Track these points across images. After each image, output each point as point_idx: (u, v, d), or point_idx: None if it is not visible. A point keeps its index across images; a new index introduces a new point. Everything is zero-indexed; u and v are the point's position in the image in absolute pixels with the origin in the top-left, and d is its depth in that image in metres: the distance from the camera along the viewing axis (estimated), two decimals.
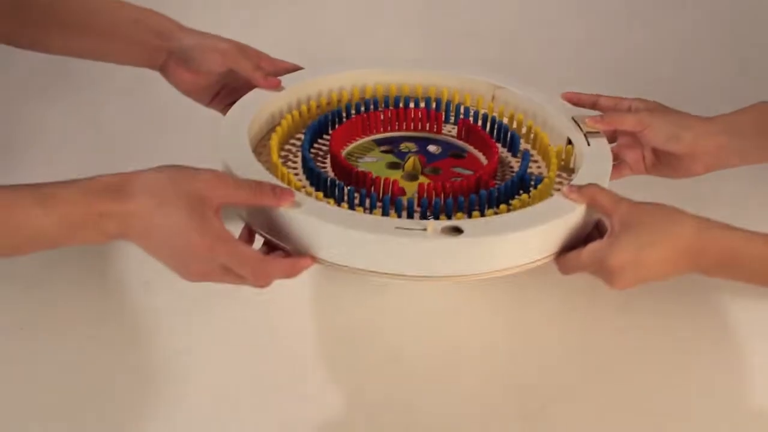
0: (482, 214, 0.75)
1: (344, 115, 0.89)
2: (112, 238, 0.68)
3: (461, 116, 0.90)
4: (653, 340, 0.82)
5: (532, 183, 0.79)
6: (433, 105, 0.90)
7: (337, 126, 0.88)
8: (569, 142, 0.85)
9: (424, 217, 0.75)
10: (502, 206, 0.75)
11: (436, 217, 0.75)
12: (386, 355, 0.80)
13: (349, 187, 0.76)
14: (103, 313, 0.84)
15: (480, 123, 0.89)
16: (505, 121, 0.90)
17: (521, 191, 0.79)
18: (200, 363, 0.79)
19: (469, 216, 0.75)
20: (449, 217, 0.74)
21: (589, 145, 0.82)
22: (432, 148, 0.88)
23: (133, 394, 0.76)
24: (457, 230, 0.69)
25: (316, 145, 0.86)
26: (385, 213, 0.75)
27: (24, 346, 0.80)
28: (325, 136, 0.87)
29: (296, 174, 0.81)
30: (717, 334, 0.82)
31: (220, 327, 0.83)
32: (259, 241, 0.74)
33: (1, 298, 0.84)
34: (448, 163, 0.85)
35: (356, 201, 0.75)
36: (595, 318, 0.82)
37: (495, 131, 0.88)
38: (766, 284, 0.71)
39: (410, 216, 0.75)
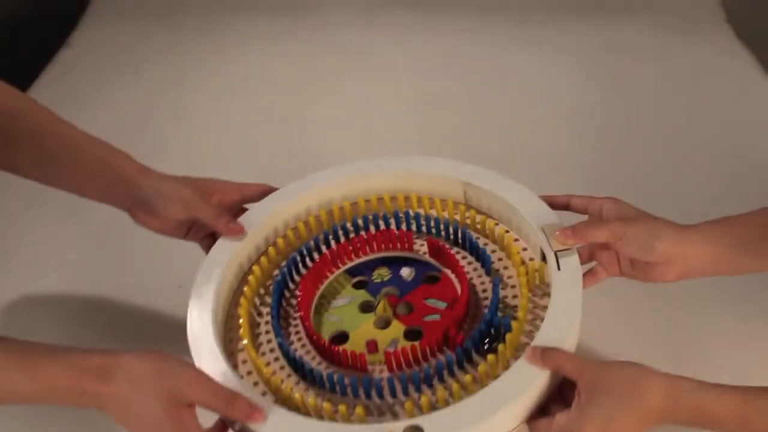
0: (453, 375, 0.75)
1: (312, 245, 0.87)
2: (90, 408, 0.72)
3: (432, 230, 0.87)
4: None
5: (502, 333, 0.77)
6: (402, 219, 0.88)
7: (306, 264, 0.87)
8: (543, 256, 0.82)
9: (393, 392, 0.75)
10: (467, 377, 0.74)
11: (405, 390, 0.75)
12: None
13: (317, 370, 0.76)
14: None
15: (451, 234, 0.87)
16: (477, 220, 0.87)
17: (492, 331, 0.78)
18: None
19: (441, 379, 0.75)
20: (418, 388, 0.74)
21: (559, 268, 0.79)
22: (405, 272, 0.86)
23: None
24: (419, 430, 0.69)
25: (288, 290, 0.86)
26: (354, 393, 0.75)
27: None
28: (296, 277, 0.87)
29: (269, 340, 0.82)
30: None
31: None
32: None
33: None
34: (421, 294, 0.84)
35: (325, 382, 0.76)
36: None
37: (468, 245, 0.86)
38: None
39: (380, 394, 0.75)
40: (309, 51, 1.54)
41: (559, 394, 0.74)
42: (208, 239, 0.91)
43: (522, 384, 0.71)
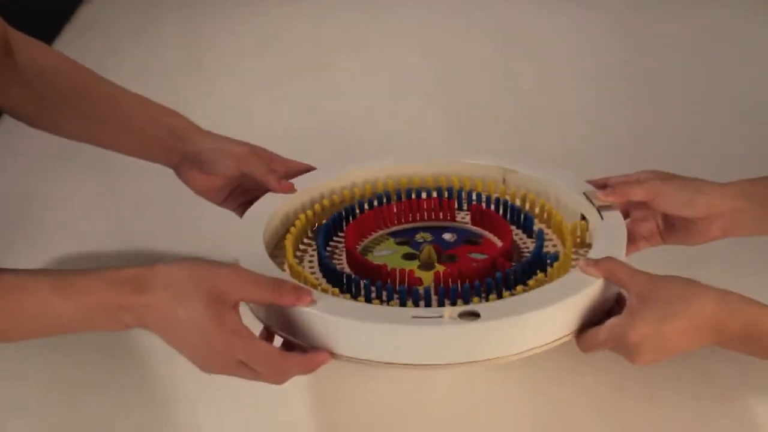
0: (499, 297, 0.75)
1: (357, 210, 0.90)
2: (130, 327, 0.70)
3: (473, 202, 0.90)
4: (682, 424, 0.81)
5: (549, 261, 0.79)
6: (445, 194, 0.91)
7: (350, 222, 0.89)
8: (583, 218, 0.85)
9: (441, 304, 0.75)
10: (519, 287, 0.74)
11: (453, 304, 0.74)
12: None
13: (365, 281, 0.76)
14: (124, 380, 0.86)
15: (492, 207, 0.89)
16: (518, 203, 0.91)
17: (538, 271, 0.79)
18: None
19: (486, 300, 0.75)
20: (466, 303, 0.74)
21: (602, 219, 0.82)
22: (447, 236, 0.88)
23: None
24: (474, 314, 0.68)
25: (331, 243, 0.87)
26: (402, 304, 0.74)
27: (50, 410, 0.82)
28: (340, 234, 0.88)
29: (313, 272, 0.82)
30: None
31: (233, 411, 0.83)
32: (278, 339, 0.74)
33: (26, 363, 0.86)
34: (464, 250, 0.85)
35: (373, 294, 0.75)
36: (625, 399, 0.81)
37: (508, 214, 0.89)
38: None
39: (428, 304, 0.74)
40: (330, 8, 1.56)
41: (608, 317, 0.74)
42: (246, 206, 0.91)
43: (577, 285, 0.71)
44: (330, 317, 0.69)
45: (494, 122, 0.93)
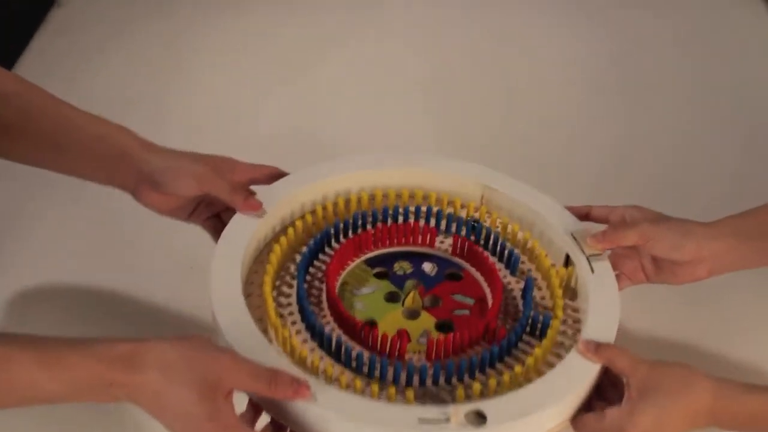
0: (492, 367, 0.74)
1: (332, 232, 0.84)
2: (121, 401, 0.67)
3: (455, 228, 0.86)
4: None
5: (540, 324, 0.77)
6: (424, 213, 0.86)
7: (325, 251, 0.83)
8: (567, 258, 0.82)
9: (436, 378, 0.72)
10: (518, 368, 0.73)
11: (449, 378, 0.72)
12: None
13: (357, 352, 0.72)
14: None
15: (473, 235, 0.86)
16: (499, 225, 0.87)
17: (528, 328, 0.78)
18: None
19: (482, 371, 0.73)
20: (461, 378, 0.72)
21: (593, 271, 0.80)
22: (427, 267, 0.84)
23: None
24: (481, 416, 0.67)
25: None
26: (396, 378, 0.72)
27: None
28: (315, 263, 0.83)
29: (293, 322, 0.77)
30: None
31: None
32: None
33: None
34: (447, 289, 0.82)
35: (365, 365, 0.72)
36: None
37: (491, 245, 0.85)
38: None
39: (422, 380, 0.72)
40: (313, 6, 1.48)
41: (597, 394, 0.74)
42: (213, 220, 0.87)
43: (577, 375, 0.71)
44: (329, 414, 0.66)
45: (480, 120, 0.87)
